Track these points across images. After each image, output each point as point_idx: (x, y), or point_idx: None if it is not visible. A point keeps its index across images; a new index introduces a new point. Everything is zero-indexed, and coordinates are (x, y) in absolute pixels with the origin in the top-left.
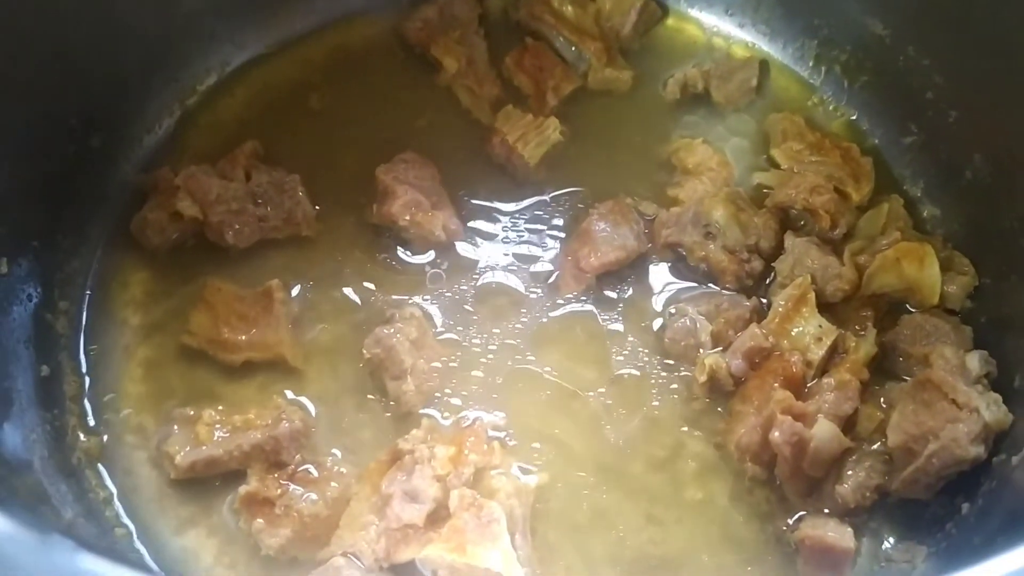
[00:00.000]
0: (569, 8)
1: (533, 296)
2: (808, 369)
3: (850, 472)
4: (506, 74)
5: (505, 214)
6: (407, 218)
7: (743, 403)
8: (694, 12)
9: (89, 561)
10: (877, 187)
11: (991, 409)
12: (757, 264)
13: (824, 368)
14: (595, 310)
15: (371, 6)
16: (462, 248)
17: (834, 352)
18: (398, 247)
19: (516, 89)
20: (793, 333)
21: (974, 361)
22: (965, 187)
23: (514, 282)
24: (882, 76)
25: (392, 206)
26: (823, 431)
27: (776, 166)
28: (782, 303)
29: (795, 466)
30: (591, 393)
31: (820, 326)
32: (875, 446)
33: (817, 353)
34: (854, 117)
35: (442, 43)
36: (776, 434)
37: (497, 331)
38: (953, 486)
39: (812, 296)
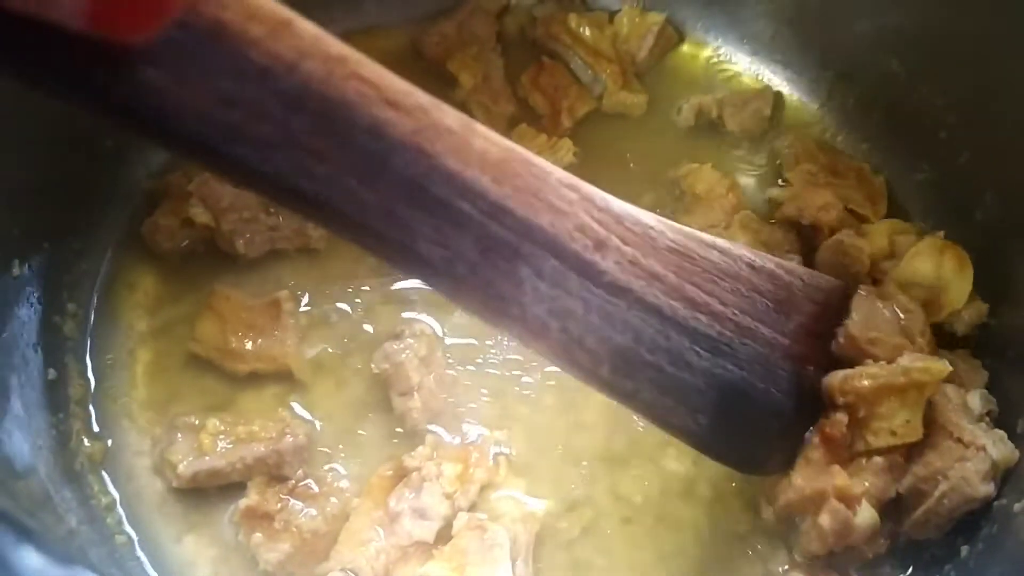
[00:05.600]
0: (587, 30)
1: None
2: (857, 444)
3: None
4: (521, 92)
5: None
6: None
7: None
8: (710, 39)
9: None
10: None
11: (997, 446)
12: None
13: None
14: None
15: (389, 20)
16: None
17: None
18: None
19: (531, 108)
20: (880, 409)
21: (975, 400)
22: (975, 226)
23: None
24: (895, 113)
25: None
26: (865, 520)
27: None
28: (901, 376)
29: (825, 543)
30: (604, 416)
31: (908, 422)
32: None
33: (882, 443)
34: (866, 150)
35: (459, 58)
36: (826, 519)
37: (506, 349)
38: (953, 527)
39: (927, 395)
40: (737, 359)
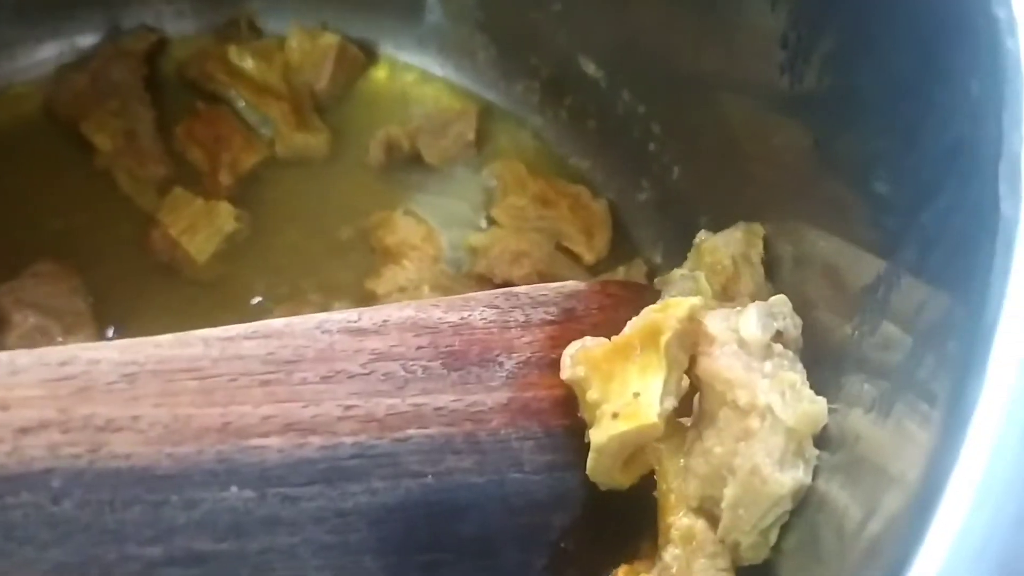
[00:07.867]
0: (250, 62)
1: None
2: None
3: None
4: (179, 148)
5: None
6: None
7: None
8: (404, 57)
9: None
10: (618, 252)
11: (789, 404)
12: None
13: None
14: None
15: (20, 78)
16: None
17: None
18: None
19: (191, 166)
20: (612, 384)
21: (751, 322)
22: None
23: None
24: (606, 123)
25: (8, 338)
26: None
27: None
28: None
29: None
30: None
31: (637, 395)
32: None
33: (601, 437)
34: (588, 168)
35: (94, 118)
36: None
37: None
38: None
39: (662, 345)
40: (397, 466)
